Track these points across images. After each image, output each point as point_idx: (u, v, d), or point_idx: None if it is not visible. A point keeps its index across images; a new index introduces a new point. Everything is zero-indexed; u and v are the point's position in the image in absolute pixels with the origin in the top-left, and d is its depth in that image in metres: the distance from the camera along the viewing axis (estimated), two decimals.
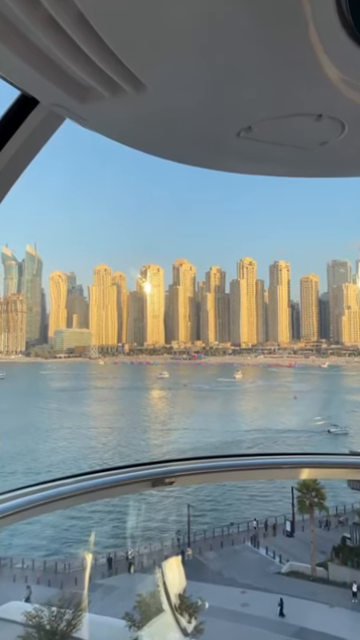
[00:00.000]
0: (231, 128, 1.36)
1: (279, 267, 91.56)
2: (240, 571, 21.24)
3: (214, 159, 1.72)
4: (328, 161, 1.69)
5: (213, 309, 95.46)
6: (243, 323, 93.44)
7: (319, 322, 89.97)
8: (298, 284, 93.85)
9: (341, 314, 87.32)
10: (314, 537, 21.73)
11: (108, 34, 0.97)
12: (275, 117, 1.30)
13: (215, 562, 22.09)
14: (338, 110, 1.27)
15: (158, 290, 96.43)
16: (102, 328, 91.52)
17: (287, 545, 23.45)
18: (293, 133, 1.41)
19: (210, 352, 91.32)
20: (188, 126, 1.41)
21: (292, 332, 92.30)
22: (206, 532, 24.60)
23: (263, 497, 28.07)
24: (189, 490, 27.67)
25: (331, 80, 1.13)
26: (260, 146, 1.46)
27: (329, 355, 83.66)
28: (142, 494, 23.05)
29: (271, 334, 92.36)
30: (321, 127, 1.33)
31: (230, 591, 19.44)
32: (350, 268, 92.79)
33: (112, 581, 20.30)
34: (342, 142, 1.41)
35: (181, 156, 1.68)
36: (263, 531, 24.88)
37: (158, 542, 23.52)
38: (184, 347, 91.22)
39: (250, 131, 1.35)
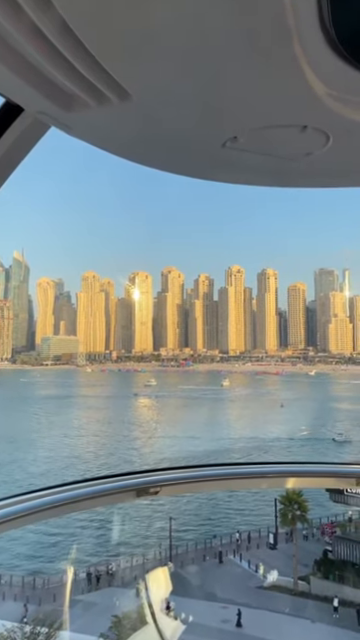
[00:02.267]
0: (217, 138, 1.36)
1: (267, 275, 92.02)
2: (222, 585, 21.03)
3: (200, 168, 1.73)
4: (313, 172, 1.69)
5: (201, 316, 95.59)
6: (231, 330, 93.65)
7: (306, 330, 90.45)
8: (286, 292, 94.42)
9: (328, 322, 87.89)
10: (297, 551, 21.62)
11: (92, 43, 0.98)
12: (260, 128, 1.31)
13: (197, 576, 21.86)
14: (322, 122, 1.28)
15: (146, 297, 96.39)
16: (90, 335, 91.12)
17: (270, 558, 23.30)
18: (278, 144, 1.42)
19: (198, 359, 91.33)
20: (174, 136, 1.42)
21: (280, 340, 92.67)
22: (188, 545, 24.38)
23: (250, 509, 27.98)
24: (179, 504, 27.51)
25: (316, 92, 1.13)
26: (245, 156, 1.46)
27: (316, 363, 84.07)
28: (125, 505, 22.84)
29: (259, 342, 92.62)
30: (306, 138, 1.33)
31: (211, 606, 19.22)
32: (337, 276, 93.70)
33: (92, 597, 19.99)
34: (327, 153, 1.42)
35: (167, 165, 1.68)
36: (247, 543, 24.73)
37: (140, 555, 23.27)
38: (172, 354, 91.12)
39: (236, 141, 1.35)
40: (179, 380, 79.40)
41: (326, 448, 44.06)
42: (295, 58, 1.01)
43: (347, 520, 22.43)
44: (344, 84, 1.13)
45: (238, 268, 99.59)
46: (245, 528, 25.94)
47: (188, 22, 0.94)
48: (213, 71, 1.09)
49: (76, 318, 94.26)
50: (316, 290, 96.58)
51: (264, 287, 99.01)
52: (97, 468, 36.32)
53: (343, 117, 1.26)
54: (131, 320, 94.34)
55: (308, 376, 78.93)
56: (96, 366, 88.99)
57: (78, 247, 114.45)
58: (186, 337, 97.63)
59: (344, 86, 1.14)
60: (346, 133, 1.37)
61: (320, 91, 1.14)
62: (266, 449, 43.06)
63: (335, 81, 1.12)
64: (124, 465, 37.79)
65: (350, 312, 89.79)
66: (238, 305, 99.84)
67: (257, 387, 73.58)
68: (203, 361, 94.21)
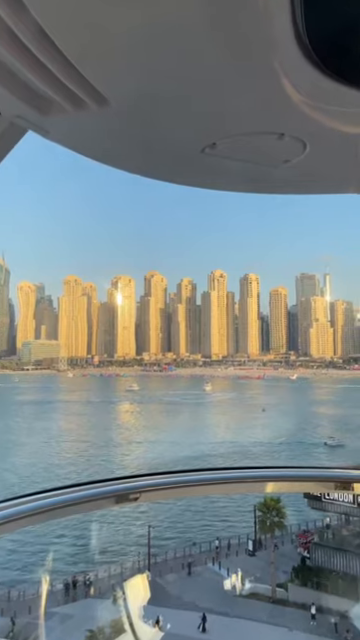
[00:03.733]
0: (196, 144, 1.37)
1: (249, 280, 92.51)
2: (201, 594, 20.90)
3: (179, 174, 1.73)
4: (291, 178, 1.68)
5: (184, 321, 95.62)
6: (214, 335, 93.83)
7: (288, 334, 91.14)
8: (268, 296, 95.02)
9: (309, 326, 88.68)
10: (274, 558, 21.60)
11: (68, 47, 0.98)
12: (238, 134, 1.31)
13: (175, 585, 21.70)
14: (299, 129, 1.29)
15: (129, 301, 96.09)
16: (72, 339, 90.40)
17: (249, 565, 23.26)
18: (256, 151, 1.42)
19: (181, 364, 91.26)
20: (153, 142, 1.41)
21: (262, 344, 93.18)
22: (167, 553, 24.20)
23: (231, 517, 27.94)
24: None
25: (292, 100, 1.13)
26: (224, 162, 1.46)
27: (297, 367, 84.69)
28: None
29: (241, 346, 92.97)
30: (283, 145, 1.34)
31: (189, 616, 19.07)
32: (318, 281, 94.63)
33: (68, 609, 19.68)
34: (304, 161, 1.43)
35: (146, 171, 1.67)
36: (226, 551, 24.65)
37: (117, 565, 23.02)
38: (155, 359, 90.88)
39: (214, 147, 1.36)
40: (161, 385, 79.28)
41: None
42: (271, 66, 1.03)
43: (325, 527, 22.52)
44: (319, 93, 1.13)
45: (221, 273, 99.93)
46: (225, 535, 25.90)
47: (164, 28, 0.95)
48: (190, 77, 1.09)
49: (58, 322, 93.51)
50: (297, 295, 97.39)
51: (246, 292, 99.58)
52: (77, 474, 35.95)
53: (320, 125, 1.28)
54: (113, 324, 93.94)
55: (289, 380, 79.53)
56: (78, 371, 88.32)
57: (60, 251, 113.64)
58: (169, 341, 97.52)
59: (319, 95, 1.15)
60: (323, 141, 1.39)
61: (296, 99, 1.14)
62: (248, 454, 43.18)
63: (311, 90, 1.12)
64: (104, 472, 37.46)
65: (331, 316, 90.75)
66: (221, 309, 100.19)
67: (239, 391, 73.81)
68: (186, 365, 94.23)
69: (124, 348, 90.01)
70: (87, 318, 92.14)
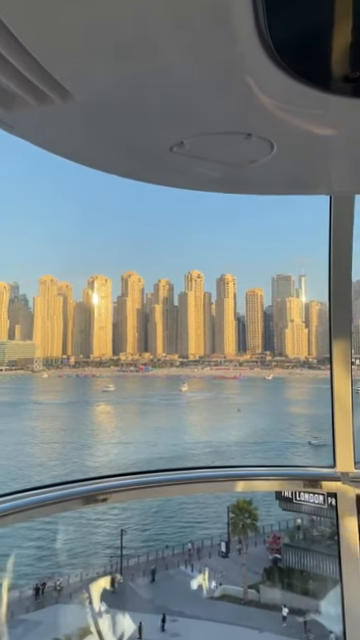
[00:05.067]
0: (163, 142, 1.38)
1: (226, 280, 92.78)
2: (173, 597, 20.85)
3: (148, 172, 1.74)
4: (261, 179, 1.74)
5: (161, 321, 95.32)
6: (191, 335, 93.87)
7: (264, 334, 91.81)
8: (244, 297, 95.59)
9: (285, 327, 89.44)
10: (246, 559, 21.73)
11: (30, 41, 0.98)
12: (206, 134, 1.33)
13: (147, 588, 21.61)
14: (267, 130, 1.31)
15: (106, 301, 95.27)
16: (47, 340, 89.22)
17: (222, 567, 23.33)
18: (224, 150, 1.44)
19: (158, 364, 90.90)
20: (119, 138, 1.41)
21: (238, 344, 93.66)
22: (140, 557, 24.08)
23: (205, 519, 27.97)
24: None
25: (259, 101, 1.17)
26: (193, 161, 1.49)
27: (273, 367, 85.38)
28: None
29: (218, 346, 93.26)
30: (251, 146, 1.37)
31: (160, 619, 19.00)
32: (294, 282, 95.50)
33: (37, 615, 19.36)
34: (271, 161, 1.46)
35: (114, 168, 1.68)
36: (199, 553, 24.67)
37: (90, 568, 22.80)
38: (132, 359, 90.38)
39: (182, 146, 1.38)
40: (138, 385, 79.05)
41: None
42: (236, 68, 1.06)
43: (296, 527, 22.74)
44: (285, 94, 1.18)
45: (198, 273, 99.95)
46: (199, 537, 25.92)
47: (128, 24, 0.94)
48: (156, 77, 1.11)
49: (32, 322, 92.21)
50: (273, 295, 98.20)
51: (223, 292, 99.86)
52: (50, 478, 35.51)
53: (287, 126, 1.31)
54: (90, 324, 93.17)
55: (265, 380, 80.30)
56: (53, 371, 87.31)
57: (35, 250, 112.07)
58: (146, 342, 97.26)
59: (286, 96, 1.19)
60: (291, 142, 1.43)
61: (263, 100, 1.18)
62: (223, 453, 43.40)
63: (277, 91, 1.16)
64: (77, 474, 37.12)
65: (306, 317, 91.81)
66: (198, 310, 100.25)
67: (215, 392, 74.19)
68: (163, 366, 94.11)
69: (100, 348, 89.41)
70: (63, 318, 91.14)
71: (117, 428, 53.84)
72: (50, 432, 50.32)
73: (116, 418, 58.86)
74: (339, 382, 3.37)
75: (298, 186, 2.10)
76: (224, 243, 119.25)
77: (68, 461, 41.04)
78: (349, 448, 3.35)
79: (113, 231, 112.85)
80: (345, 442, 3.36)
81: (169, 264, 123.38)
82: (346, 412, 3.35)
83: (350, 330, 3.36)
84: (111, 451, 45.05)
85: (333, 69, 1.16)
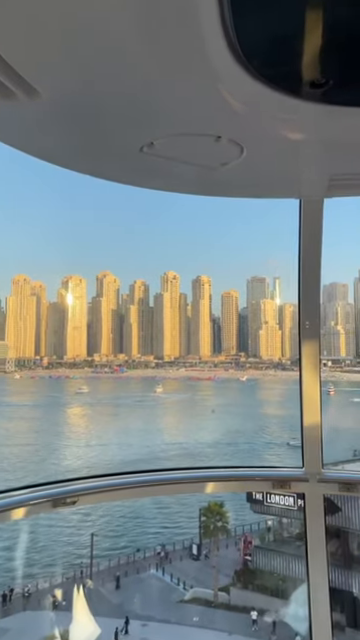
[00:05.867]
0: (133, 143, 1.37)
1: (202, 282, 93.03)
2: (143, 602, 20.76)
3: (117, 172, 1.71)
4: (233, 182, 1.74)
5: (136, 322, 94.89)
6: (166, 336, 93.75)
7: (239, 336, 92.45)
8: (219, 298, 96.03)
9: (259, 328, 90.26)
10: (217, 561, 21.79)
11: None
12: (176, 135, 1.33)
13: (117, 593, 21.44)
14: (236, 133, 1.32)
15: (80, 301, 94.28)
16: (20, 340, 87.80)
17: (193, 569, 23.33)
18: (194, 152, 1.43)
19: (133, 365, 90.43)
20: (88, 137, 1.39)
21: (213, 346, 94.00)
22: (111, 560, 23.89)
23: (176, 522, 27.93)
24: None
25: (228, 105, 1.18)
26: (163, 162, 1.48)
27: (247, 368, 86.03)
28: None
29: (193, 347, 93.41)
30: (221, 148, 1.37)
31: (130, 625, 18.89)
32: (268, 284, 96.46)
33: (5, 622, 18.99)
34: (242, 164, 1.47)
35: (84, 168, 1.65)
36: (170, 556, 24.62)
37: (59, 574, 22.49)
38: (106, 360, 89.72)
39: (152, 147, 1.37)
40: (112, 387, 78.58)
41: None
42: (204, 71, 1.07)
43: (266, 529, 22.93)
44: (254, 99, 1.19)
45: (174, 274, 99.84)
46: (171, 540, 25.86)
47: (94, 22, 0.94)
48: (125, 77, 1.11)
49: (5, 322, 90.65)
50: (248, 297, 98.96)
51: (199, 294, 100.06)
52: (17, 480, 34.93)
53: (257, 130, 1.33)
54: (64, 325, 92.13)
55: (239, 382, 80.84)
56: (26, 372, 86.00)
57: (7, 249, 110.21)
58: (121, 343, 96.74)
59: (255, 101, 1.20)
60: (261, 146, 1.43)
61: (232, 104, 1.19)
62: (197, 455, 43.48)
63: (246, 95, 1.17)
64: (49, 477, 36.58)
65: (279, 319, 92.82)
66: (173, 311, 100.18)
67: (190, 393, 74.33)
68: (137, 367, 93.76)
69: (75, 349, 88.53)
70: (36, 318, 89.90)
71: (90, 430, 53.36)
72: (23, 434, 49.53)
73: (89, 420, 58.31)
74: (308, 383, 3.39)
75: (268, 189, 2.10)
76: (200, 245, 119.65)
77: (39, 464, 40.46)
78: (317, 449, 3.36)
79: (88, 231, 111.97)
80: (313, 443, 3.38)
81: (145, 265, 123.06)
82: (315, 413, 3.38)
83: (319, 332, 3.38)
84: (85, 453, 44.61)
85: (300, 74, 1.16)
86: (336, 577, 17.42)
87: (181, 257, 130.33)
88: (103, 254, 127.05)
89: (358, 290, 62.68)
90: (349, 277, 64.44)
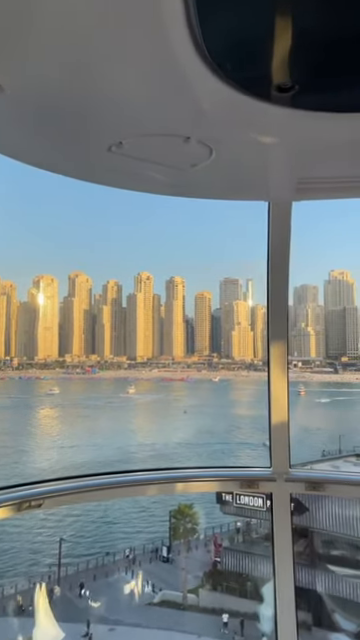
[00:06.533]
0: (101, 142, 1.36)
1: (175, 283, 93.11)
2: (111, 605, 20.56)
3: (87, 171, 1.70)
4: (200, 183, 1.74)
5: (109, 322, 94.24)
6: (139, 337, 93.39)
7: (211, 337, 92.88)
8: (193, 300, 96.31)
9: (232, 329, 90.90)
10: (186, 563, 21.77)
11: None
12: (145, 135, 1.33)
13: (85, 598, 21.17)
14: (205, 135, 1.33)
15: (52, 301, 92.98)
16: None
17: (163, 572, 23.25)
18: (164, 153, 1.43)
19: (105, 366, 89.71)
20: (55, 135, 1.35)
21: (186, 346, 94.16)
22: (79, 565, 23.59)
23: None
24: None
25: (197, 106, 1.19)
26: (132, 162, 1.46)
27: (220, 369, 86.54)
28: None
29: (166, 348, 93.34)
30: (190, 150, 1.37)
31: (97, 630, 18.68)
32: (241, 286, 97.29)
33: None
34: (211, 166, 1.47)
35: (52, 166, 1.61)
36: (140, 558, 24.47)
37: (25, 579, 22.06)
38: (78, 361, 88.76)
39: (121, 146, 1.36)
40: (84, 388, 77.91)
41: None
42: (172, 73, 1.08)
43: (235, 531, 23.04)
44: (223, 101, 1.19)
45: (147, 275, 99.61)
46: (142, 542, 25.71)
47: (58, 19, 0.93)
48: (91, 76, 1.11)
49: None
50: (221, 299, 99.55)
51: (172, 294, 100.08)
52: None
53: (226, 132, 1.32)
54: (34, 325, 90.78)
55: (212, 382, 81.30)
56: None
57: None
58: (93, 343, 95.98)
59: (223, 103, 1.20)
60: (230, 148, 1.43)
61: (201, 106, 1.20)
62: (169, 456, 43.48)
63: (214, 98, 1.18)
64: (16, 479, 35.91)
65: (252, 320, 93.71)
66: (147, 311, 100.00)
67: (162, 394, 74.38)
68: (110, 368, 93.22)
69: (46, 350, 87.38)
70: (6, 318, 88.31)
71: (61, 432, 52.69)
72: None
73: (60, 421, 57.59)
74: (276, 383, 3.41)
75: (237, 191, 2.11)
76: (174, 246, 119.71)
77: (6, 466, 39.69)
78: (285, 448, 3.38)
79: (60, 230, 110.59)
80: (281, 442, 3.39)
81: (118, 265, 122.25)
82: (282, 413, 3.39)
83: (287, 333, 3.40)
84: (55, 455, 44.02)
85: (267, 78, 1.16)
86: (303, 576, 17.63)
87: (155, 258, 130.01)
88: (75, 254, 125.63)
89: (328, 292, 63.75)
90: (319, 279, 65.46)
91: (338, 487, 3.61)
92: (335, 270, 64.69)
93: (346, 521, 18.95)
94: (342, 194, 2.55)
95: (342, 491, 4.40)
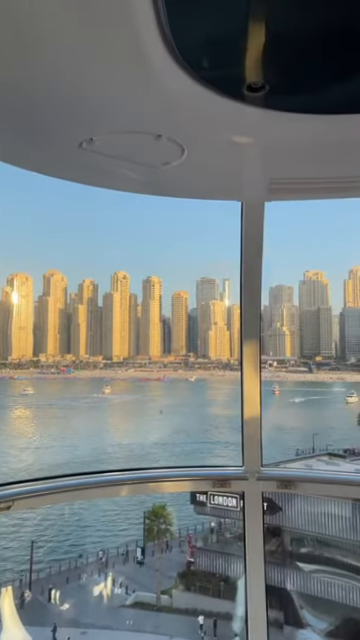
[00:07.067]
0: (71, 138, 1.35)
1: (152, 282, 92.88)
2: (83, 609, 20.34)
3: (57, 167, 1.65)
4: (172, 181, 1.74)
5: (85, 322, 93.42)
6: (115, 337, 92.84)
7: (188, 337, 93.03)
8: (170, 299, 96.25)
9: (208, 329, 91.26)
10: (160, 564, 21.70)
11: None
12: (116, 132, 1.33)
13: (57, 602, 20.89)
14: (177, 133, 1.33)
15: (26, 300, 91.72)
16: None
17: (137, 574, 23.13)
18: (135, 150, 1.42)
19: (80, 366, 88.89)
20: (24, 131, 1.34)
21: (163, 346, 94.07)
22: (52, 568, 23.28)
23: None
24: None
25: (168, 104, 1.19)
26: (103, 159, 1.44)
27: (196, 369, 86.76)
28: None
29: (142, 348, 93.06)
30: (162, 148, 1.37)
31: (70, 633, 18.46)
32: (218, 286, 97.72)
33: None
34: (183, 165, 1.46)
35: (22, 162, 1.58)
36: (113, 560, 24.30)
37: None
38: (53, 361, 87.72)
39: (92, 143, 1.35)
40: (59, 388, 77.12)
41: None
42: (142, 70, 1.07)
43: (209, 531, 23.08)
44: (193, 99, 1.19)
45: (124, 274, 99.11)
46: (117, 544, 25.51)
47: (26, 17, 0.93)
48: (60, 72, 1.09)
49: None
50: (198, 298, 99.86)
51: (149, 294, 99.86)
52: None
53: (198, 131, 1.32)
54: (8, 324, 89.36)
55: (188, 382, 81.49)
56: None
57: None
58: (68, 343, 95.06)
59: (193, 101, 1.20)
60: (202, 147, 1.41)
61: (172, 103, 1.20)
62: (145, 456, 43.35)
63: (185, 96, 1.17)
64: None
65: (228, 320, 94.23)
66: (123, 311, 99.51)
67: (139, 394, 74.18)
68: (86, 367, 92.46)
69: (20, 349, 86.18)
70: None
71: (34, 432, 51.97)
72: None
73: (34, 422, 56.80)
74: (248, 382, 3.43)
75: (210, 191, 2.10)
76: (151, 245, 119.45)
77: None
78: (257, 447, 3.38)
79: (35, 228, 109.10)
80: (253, 441, 3.40)
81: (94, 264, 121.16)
82: (255, 411, 3.41)
83: (259, 333, 3.40)
84: (29, 457, 43.41)
85: (237, 77, 1.14)
86: (276, 575, 17.75)
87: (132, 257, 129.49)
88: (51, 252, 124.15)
89: (302, 293, 64.55)
90: (294, 280, 66.23)
91: (309, 485, 3.63)
92: (310, 271, 65.51)
93: (318, 520, 19.17)
94: (314, 195, 2.58)
95: (313, 489, 4.48)
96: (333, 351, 62.64)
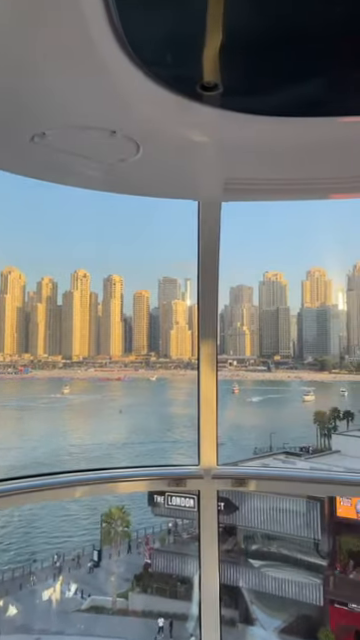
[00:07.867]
0: (23, 131, 1.35)
1: (113, 281, 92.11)
2: (37, 615, 19.86)
3: (8, 162, 1.61)
4: (128, 179, 1.74)
5: (44, 320, 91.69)
6: (75, 336, 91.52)
7: (149, 336, 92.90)
8: (131, 298, 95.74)
9: (170, 329, 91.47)
10: (117, 567, 21.48)
11: None
12: (68, 126, 1.33)
13: (9, 608, 20.32)
14: (132, 130, 1.34)
15: None
16: None
17: (93, 578, 22.81)
18: (89, 146, 1.43)
19: (39, 365, 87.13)
20: None
21: (124, 345, 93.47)
22: (4, 573, 22.63)
23: None
24: None
25: (122, 100, 1.20)
26: (56, 154, 1.45)
27: (158, 368, 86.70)
28: None
29: (103, 347, 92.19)
30: (116, 144, 1.39)
31: None
32: (179, 285, 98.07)
33: None
34: (139, 162, 1.49)
35: None
36: (69, 564, 23.87)
37: None
38: (10, 360, 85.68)
39: (44, 137, 1.35)
40: (16, 388, 75.27)
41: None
42: (94, 65, 1.08)
43: (167, 532, 23.03)
44: (146, 95, 1.19)
45: (84, 272, 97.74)
46: (72, 547, 25.08)
47: None
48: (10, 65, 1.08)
49: None
50: (159, 298, 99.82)
51: (110, 293, 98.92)
52: None
53: (151, 128, 1.33)
54: None
55: (149, 381, 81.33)
56: None
57: None
58: (26, 342, 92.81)
59: (147, 97, 1.21)
60: (158, 145, 1.44)
61: (126, 100, 1.21)
62: (103, 456, 42.90)
63: (137, 91, 1.18)
64: None
65: (189, 319, 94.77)
66: (83, 310, 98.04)
67: (98, 394, 73.31)
68: (44, 367, 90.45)
69: None
70: None
71: None
72: None
73: None
74: (205, 381, 3.45)
75: (166, 189, 2.13)
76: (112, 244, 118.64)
77: None
78: (213, 445, 3.41)
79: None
80: (209, 439, 3.42)
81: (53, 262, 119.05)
82: (211, 410, 3.44)
83: (216, 332, 3.45)
84: None
85: (189, 75, 1.14)
86: (232, 574, 17.87)
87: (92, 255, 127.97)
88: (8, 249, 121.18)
89: (262, 293, 65.60)
90: (255, 280, 67.18)
91: (263, 483, 3.70)
92: (270, 272, 66.62)
93: (274, 517, 19.43)
94: (270, 196, 2.64)
95: (267, 487, 4.58)
96: (291, 350, 63.86)
